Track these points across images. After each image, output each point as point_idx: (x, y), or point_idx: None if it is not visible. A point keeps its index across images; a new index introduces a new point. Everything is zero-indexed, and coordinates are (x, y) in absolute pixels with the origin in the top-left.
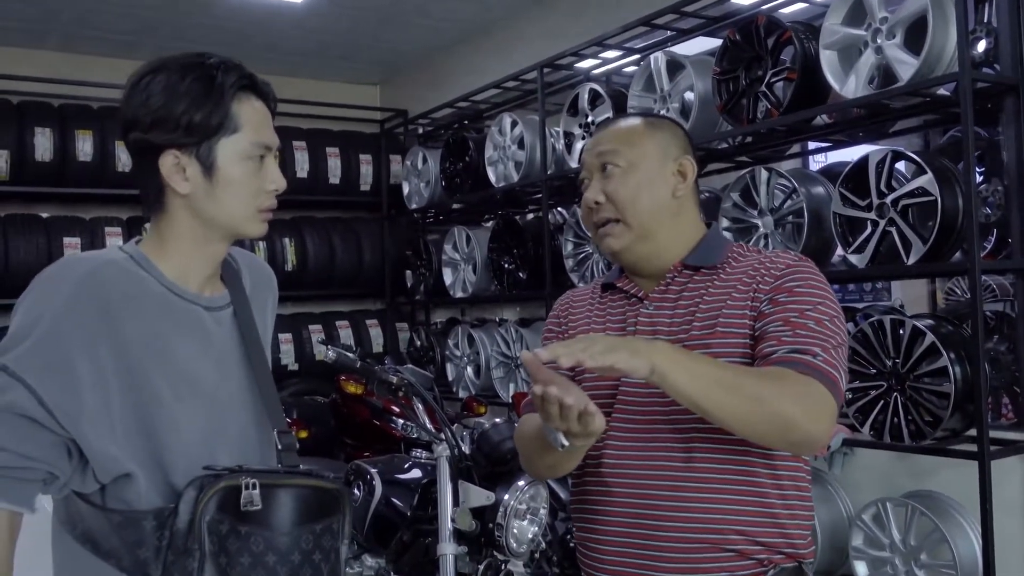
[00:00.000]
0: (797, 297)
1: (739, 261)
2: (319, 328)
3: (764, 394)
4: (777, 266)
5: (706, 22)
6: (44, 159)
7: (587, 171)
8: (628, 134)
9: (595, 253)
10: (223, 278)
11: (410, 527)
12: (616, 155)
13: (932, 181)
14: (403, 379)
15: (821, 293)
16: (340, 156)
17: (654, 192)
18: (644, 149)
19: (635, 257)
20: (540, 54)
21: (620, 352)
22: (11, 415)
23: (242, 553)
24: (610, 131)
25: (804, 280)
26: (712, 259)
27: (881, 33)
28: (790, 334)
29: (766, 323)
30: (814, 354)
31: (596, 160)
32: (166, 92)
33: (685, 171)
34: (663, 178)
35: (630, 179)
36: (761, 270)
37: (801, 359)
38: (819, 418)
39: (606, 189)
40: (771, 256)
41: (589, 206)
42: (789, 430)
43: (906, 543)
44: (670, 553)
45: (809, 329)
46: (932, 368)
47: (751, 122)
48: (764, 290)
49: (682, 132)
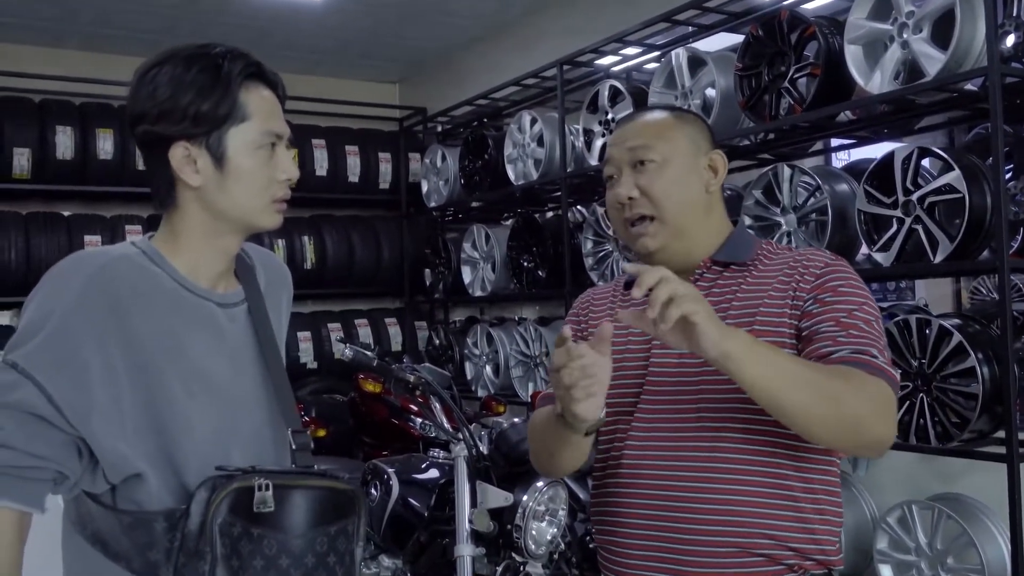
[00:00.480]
0: (842, 297)
1: (771, 258)
2: (338, 326)
3: (840, 393)
4: (815, 264)
5: (728, 18)
6: (65, 157)
7: (614, 166)
8: (659, 128)
9: (615, 251)
10: (237, 274)
11: (427, 528)
12: (649, 150)
13: (960, 178)
14: (420, 378)
15: (863, 293)
16: (359, 154)
17: (689, 187)
18: (677, 143)
19: (670, 256)
20: (560, 51)
21: (701, 313)
22: (20, 413)
23: (255, 556)
24: (638, 124)
25: (845, 279)
26: (742, 255)
27: (907, 27)
28: (844, 334)
29: (815, 323)
30: (872, 355)
31: (627, 155)
32: (172, 83)
33: (716, 165)
34: (696, 173)
35: (666, 174)
36: (799, 268)
37: (865, 359)
38: (889, 419)
39: (640, 184)
40: (806, 254)
41: (621, 202)
42: (861, 432)
43: (932, 547)
44: (696, 557)
45: (860, 329)
46: (959, 368)
47: (774, 119)
48: (805, 289)
49: (707, 126)
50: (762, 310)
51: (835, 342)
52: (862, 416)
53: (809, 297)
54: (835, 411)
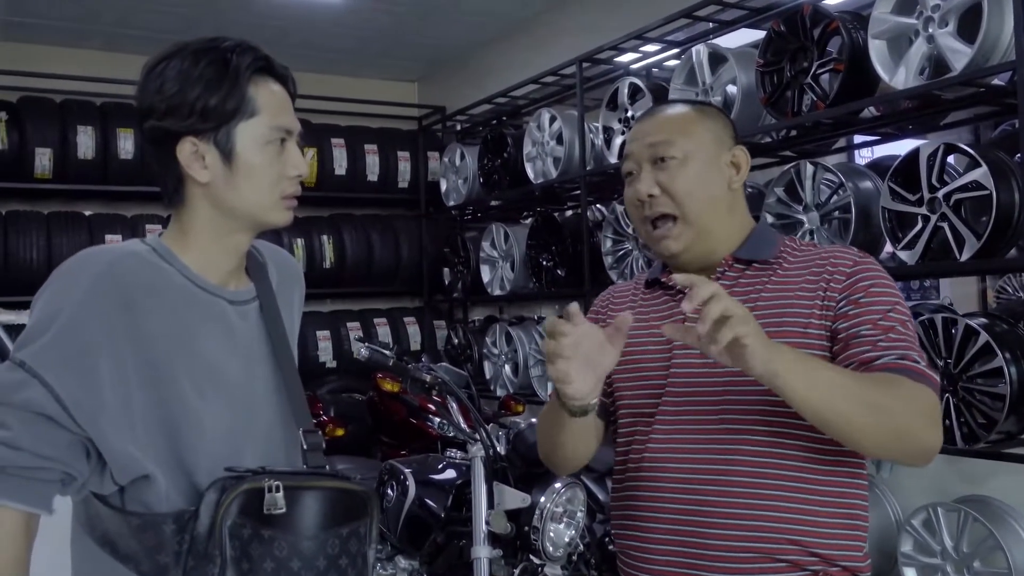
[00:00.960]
0: (876, 297)
1: (796, 256)
2: (357, 326)
3: (889, 404)
4: (844, 263)
5: (749, 13)
6: (86, 157)
7: (634, 162)
8: (681, 122)
9: (634, 250)
10: (249, 272)
11: (444, 529)
12: (671, 145)
13: (987, 174)
14: (437, 377)
15: (894, 291)
16: (378, 153)
17: (711, 184)
18: (699, 138)
19: (693, 256)
20: (579, 48)
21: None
22: (27, 413)
23: (265, 558)
24: (659, 119)
25: (876, 278)
26: (764, 253)
27: (933, 21)
28: (884, 338)
29: (852, 325)
30: (914, 359)
31: (647, 151)
32: (180, 77)
33: (739, 162)
34: (719, 169)
35: (688, 170)
36: (827, 267)
37: (909, 365)
38: (936, 427)
39: (660, 181)
40: (832, 251)
41: (641, 199)
42: (909, 442)
43: (958, 550)
44: (719, 562)
45: (899, 332)
46: (986, 368)
47: (796, 115)
48: (837, 288)
49: (729, 120)
50: (790, 310)
51: (876, 347)
52: (911, 426)
53: (842, 297)
54: (884, 423)
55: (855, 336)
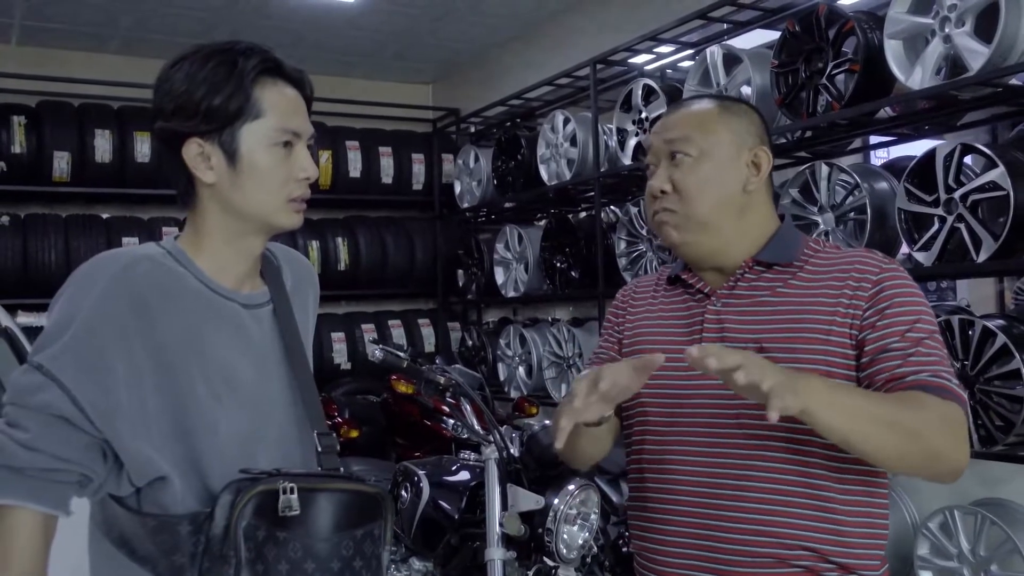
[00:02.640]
0: (904, 307)
1: (819, 259)
2: (371, 327)
3: (920, 428)
4: (871, 270)
5: (763, 14)
6: (104, 160)
7: (654, 156)
8: (701, 119)
9: (648, 252)
10: (263, 275)
11: (458, 530)
12: (687, 142)
13: (1004, 175)
14: (451, 379)
15: (921, 299)
16: (393, 156)
17: (723, 185)
18: (718, 136)
19: (698, 252)
20: (593, 50)
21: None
22: (45, 415)
23: (280, 560)
24: (681, 114)
25: (902, 287)
26: (787, 256)
27: (949, 21)
28: (913, 352)
29: (881, 337)
30: (945, 377)
31: (665, 146)
32: (188, 79)
33: (760, 162)
34: (735, 170)
35: (700, 169)
36: (853, 272)
37: (940, 383)
38: (964, 446)
39: (673, 178)
40: (858, 257)
41: (653, 194)
42: (939, 462)
43: (975, 553)
44: (734, 567)
45: (928, 346)
46: (1004, 370)
47: (811, 116)
48: (863, 296)
49: (759, 118)
50: (810, 315)
51: (907, 361)
52: (940, 448)
53: (868, 307)
54: (914, 446)
55: (884, 349)
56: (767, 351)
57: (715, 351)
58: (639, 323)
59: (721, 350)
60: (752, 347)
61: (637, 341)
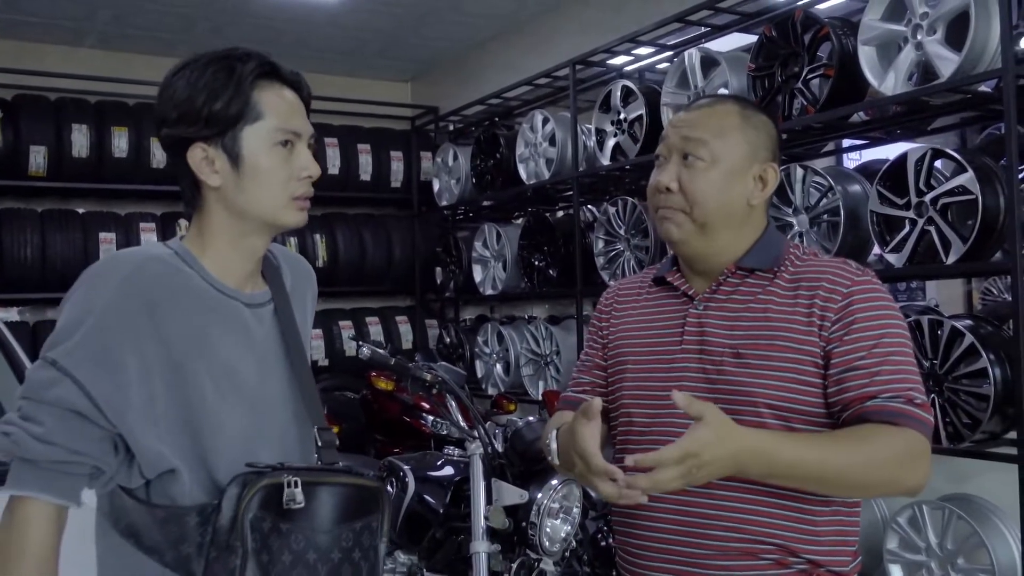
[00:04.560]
0: (871, 323)
1: (796, 267)
2: (349, 324)
3: (871, 469)
4: (842, 282)
5: (740, 18)
6: (81, 155)
7: (666, 148)
8: (721, 125)
9: (626, 251)
10: (264, 275)
11: (443, 524)
12: (703, 146)
13: (973, 179)
14: (437, 376)
15: (890, 311)
16: (371, 153)
17: (730, 195)
18: (734, 145)
19: (692, 251)
20: (572, 51)
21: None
22: (60, 409)
23: (283, 551)
24: (703, 113)
25: (871, 300)
26: (767, 261)
27: (921, 29)
28: (878, 368)
29: (848, 351)
30: (909, 397)
31: (680, 143)
32: (189, 86)
33: (767, 179)
34: (742, 182)
35: (709, 176)
36: (824, 283)
37: (901, 408)
38: (920, 468)
39: (682, 178)
40: (832, 267)
41: (659, 189)
42: (895, 489)
43: (943, 547)
44: (708, 560)
45: (894, 362)
46: (971, 369)
47: (787, 119)
48: (832, 308)
49: (775, 132)
50: (784, 324)
51: (872, 381)
52: (894, 478)
53: (836, 319)
54: (867, 482)
55: (851, 366)
56: (743, 357)
57: (652, 461)
58: (624, 324)
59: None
60: (729, 352)
61: (622, 342)
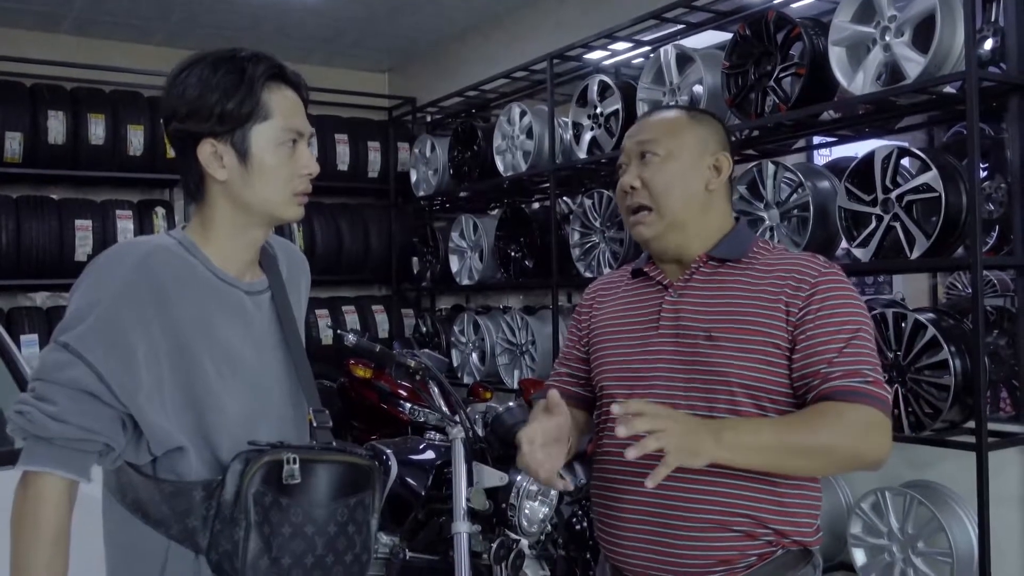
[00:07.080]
0: (835, 310)
1: (765, 258)
2: (326, 313)
3: (834, 443)
4: (810, 273)
5: (716, 16)
6: (57, 142)
7: (626, 156)
8: (670, 125)
9: (601, 243)
10: (261, 264)
11: (424, 506)
12: (656, 144)
13: (937, 178)
14: (421, 363)
15: (854, 301)
16: (349, 143)
17: (688, 183)
18: (683, 140)
19: (664, 245)
20: (550, 45)
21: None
22: (73, 390)
23: (283, 524)
24: (653, 121)
25: (836, 290)
26: (737, 253)
27: (889, 31)
28: (839, 351)
29: (810, 339)
30: (865, 376)
31: (636, 147)
32: (200, 84)
33: (721, 166)
34: (698, 171)
35: (667, 168)
36: (794, 273)
37: (860, 388)
38: (880, 441)
39: (643, 175)
40: (801, 260)
41: (624, 190)
42: (857, 464)
43: (904, 532)
44: (683, 531)
45: (855, 345)
46: (933, 361)
47: (759, 116)
48: (801, 296)
49: (722, 128)
50: (753, 311)
51: (833, 363)
52: (855, 452)
53: (803, 306)
54: (828, 460)
55: (812, 351)
56: (716, 339)
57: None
58: (604, 313)
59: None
60: (703, 335)
61: (603, 331)
